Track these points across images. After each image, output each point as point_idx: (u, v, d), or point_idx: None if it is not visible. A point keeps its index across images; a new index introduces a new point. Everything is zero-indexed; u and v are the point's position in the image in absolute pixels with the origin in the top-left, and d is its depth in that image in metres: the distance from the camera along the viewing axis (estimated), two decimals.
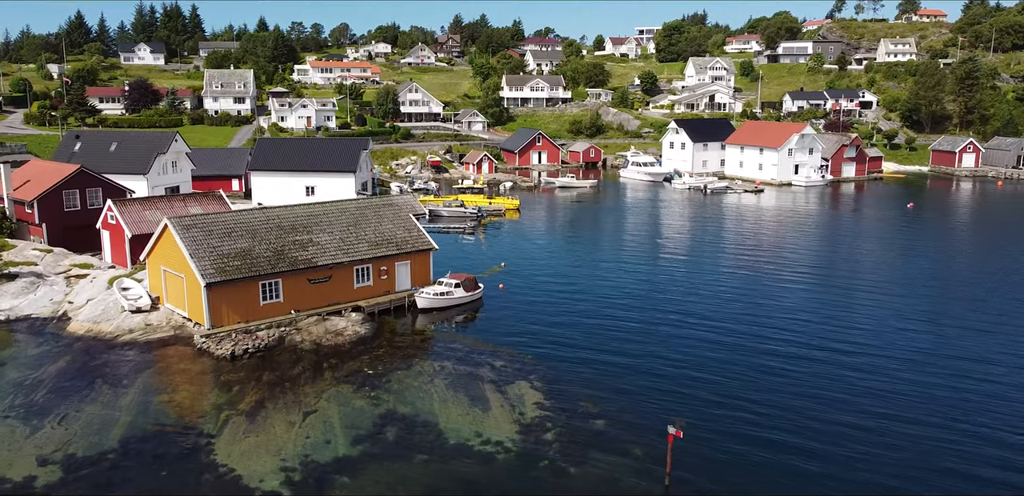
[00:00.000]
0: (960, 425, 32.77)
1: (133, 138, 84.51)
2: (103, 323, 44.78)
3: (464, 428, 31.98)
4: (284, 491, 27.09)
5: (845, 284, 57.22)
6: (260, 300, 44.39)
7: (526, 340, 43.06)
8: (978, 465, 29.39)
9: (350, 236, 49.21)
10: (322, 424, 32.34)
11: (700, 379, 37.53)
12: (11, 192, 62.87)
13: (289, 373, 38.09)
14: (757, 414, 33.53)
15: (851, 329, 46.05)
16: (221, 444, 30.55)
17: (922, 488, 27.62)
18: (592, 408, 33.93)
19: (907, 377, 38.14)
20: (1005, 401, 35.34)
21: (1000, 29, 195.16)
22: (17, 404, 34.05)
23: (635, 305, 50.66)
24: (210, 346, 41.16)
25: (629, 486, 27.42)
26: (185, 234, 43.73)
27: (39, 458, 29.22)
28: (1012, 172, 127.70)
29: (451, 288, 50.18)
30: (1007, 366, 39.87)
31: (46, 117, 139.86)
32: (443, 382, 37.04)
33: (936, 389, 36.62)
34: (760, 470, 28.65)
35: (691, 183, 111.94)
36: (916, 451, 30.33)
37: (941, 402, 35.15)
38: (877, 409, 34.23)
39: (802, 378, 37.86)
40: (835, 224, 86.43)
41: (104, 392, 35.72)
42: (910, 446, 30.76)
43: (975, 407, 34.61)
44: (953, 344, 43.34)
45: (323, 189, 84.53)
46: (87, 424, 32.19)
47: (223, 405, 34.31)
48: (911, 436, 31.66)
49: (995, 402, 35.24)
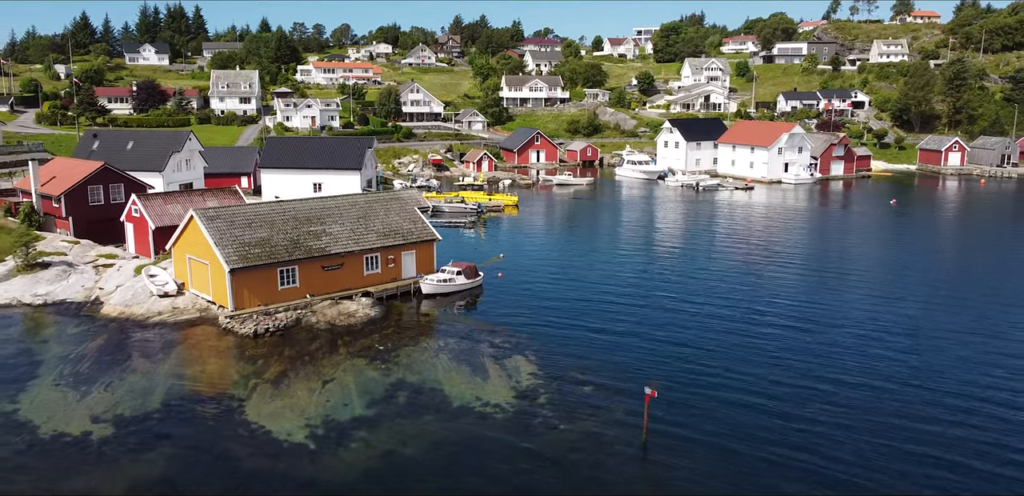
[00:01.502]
0: (908, 388, 36.60)
1: (149, 137, 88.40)
2: (134, 306, 48.75)
3: (466, 393, 35.98)
4: (309, 444, 31.04)
5: (821, 269, 61.38)
6: (278, 285, 48.33)
7: (522, 320, 47.07)
8: (925, 412, 33.23)
9: (360, 227, 53.16)
10: (340, 390, 36.32)
11: (679, 351, 41.57)
12: (39, 187, 66.79)
13: (307, 349, 42.06)
14: (728, 378, 37.59)
15: (821, 308, 50.10)
16: (251, 406, 34.53)
17: (871, 433, 31.47)
18: (580, 376, 37.96)
19: (872, 351, 42.04)
20: (941, 357, 39.20)
21: (990, 30, 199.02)
22: (65, 374, 38.00)
23: (624, 291, 54.65)
24: (234, 326, 45.13)
25: (611, 438, 31.42)
26: (210, 224, 47.67)
27: (92, 417, 33.17)
28: (996, 170, 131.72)
29: (453, 275, 54.14)
30: (949, 331, 43.76)
31: (58, 117, 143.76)
32: (446, 356, 41.07)
33: (888, 354, 40.51)
34: (727, 423, 32.53)
35: (684, 181, 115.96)
36: (868, 408, 34.19)
37: (891, 365, 39.02)
38: (837, 375, 38.13)
39: (772, 349, 41.85)
40: (817, 218, 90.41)
41: (142, 364, 39.71)
42: (865, 404, 34.64)
43: (922, 368, 38.48)
44: (905, 316, 47.27)
45: (330, 186, 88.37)
46: (130, 390, 36.16)
47: (250, 375, 38.29)
48: (866, 395, 35.58)
49: (929, 361, 39.12)
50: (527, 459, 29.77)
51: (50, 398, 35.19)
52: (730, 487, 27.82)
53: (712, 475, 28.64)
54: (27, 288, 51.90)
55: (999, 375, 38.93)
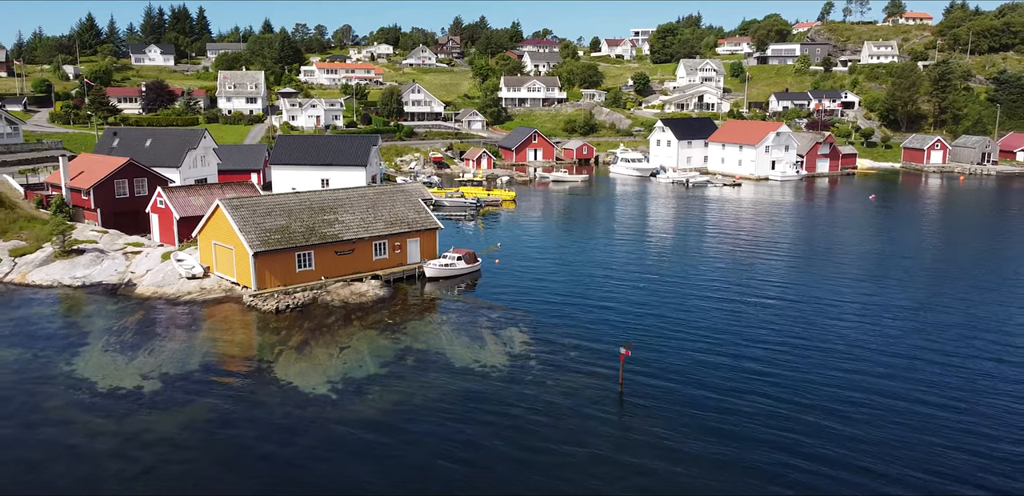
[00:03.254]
0: (857, 349, 41.57)
1: (166, 135, 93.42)
2: (165, 287, 53.77)
3: (466, 357, 41.00)
4: (331, 395, 36.06)
5: (795, 254, 66.48)
6: (296, 267, 53.34)
7: (517, 299, 52.16)
8: (869, 365, 38.17)
9: (369, 216, 58.17)
10: (355, 355, 41.34)
11: (654, 320, 46.76)
12: (68, 181, 71.77)
13: (324, 322, 47.08)
14: (696, 341, 42.68)
15: (790, 285, 55.14)
16: (279, 367, 39.56)
17: (839, 381, 36.43)
18: (566, 342, 43.11)
19: (831, 320, 47.03)
20: (890, 324, 44.15)
21: (977, 32, 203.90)
22: (112, 342, 43.01)
23: (612, 274, 59.74)
24: (257, 303, 50.15)
25: (592, 390, 36.54)
26: (235, 213, 52.67)
27: (141, 375, 38.18)
28: (976, 168, 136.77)
29: (454, 261, 59.16)
30: (899, 305, 48.75)
31: (71, 116, 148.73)
32: (449, 328, 46.12)
33: (845, 324, 45.51)
34: (692, 376, 37.48)
35: (674, 177, 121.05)
36: (824, 364, 39.16)
37: (845, 331, 44.00)
38: (797, 339, 43.09)
39: (741, 319, 46.81)
40: (798, 211, 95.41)
41: (178, 334, 44.74)
42: (821, 360, 39.61)
43: (870, 332, 43.43)
44: (863, 293, 52.26)
45: (337, 181, 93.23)
46: (171, 354, 41.18)
47: (275, 343, 43.31)
48: (822, 354, 40.55)
49: (878, 327, 44.08)
50: (519, 407, 34.75)
51: (101, 361, 40.21)
52: (694, 427, 32.72)
53: (678, 418, 33.57)
54: (66, 271, 56.90)
55: (937, 336, 43.91)
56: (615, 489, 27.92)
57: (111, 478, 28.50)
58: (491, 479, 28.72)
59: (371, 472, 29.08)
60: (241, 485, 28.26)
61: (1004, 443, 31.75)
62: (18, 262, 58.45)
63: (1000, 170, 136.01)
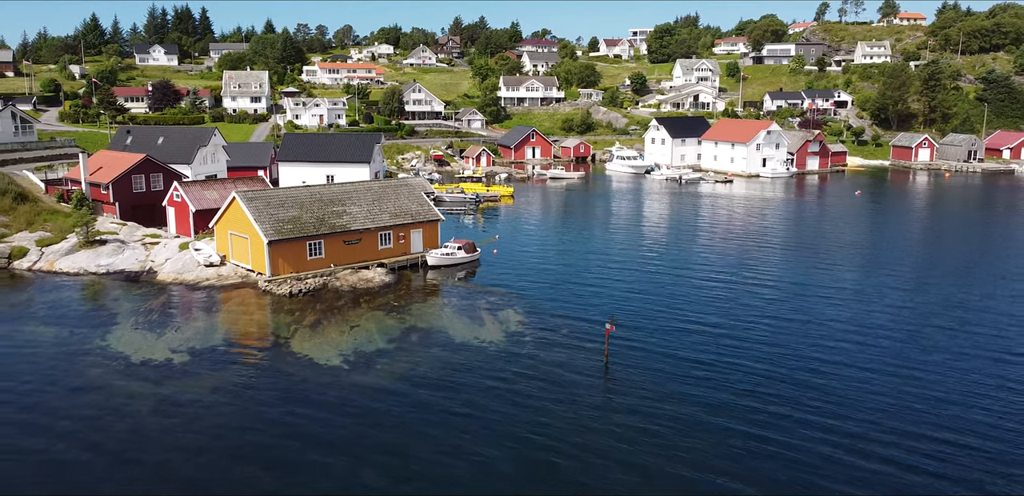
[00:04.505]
0: (829, 323, 45.29)
1: (178, 133, 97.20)
2: (185, 274, 57.54)
3: (466, 334, 44.80)
4: (344, 366, 39.82)
5: (778, 243, 70.32)
6: (307, 256, 57.08)
7: (513, 284, 55.98)
8: (838, 335, 41.86)
9: (375, 208, 61.92)
10: (364, 332, 45.11)
11: (637, 298, 50.45)
12: (88, 176, 75.50)
13: (335, 305, 50.86)
14: (675, 318, 46.35)
15: (772, 270, 58.93)
16: (295, 342, 43.36)
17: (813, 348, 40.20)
18: (557, 320, 46.96)
19: (804, 302, 50.80)
20: (860, 302, 47.86)
21: (967, 33, 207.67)
22: (140, 321, 46.79)
23: (603, 261, 63.60)
24: (272, 288, 53.91)
25: (580, 361, 40.34)
26: (250, 204, 56.42)
27: (170, 349, 41.95)
28: (962, 165, 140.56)
29: (455, 250, 62.92)
30: (867, 286, 52.52)
31: (80, 115, 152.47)
32: (450, 309, 49.95)
33: (815, 303, 49.27)
34: (671, 348, 41.20)
35: (668, 174, 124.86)
36: (797, 334, 42.92)
37: (816, 307, 47.78)
38: (772, 314, 46.83)
39: (717, 299, 50.56)
40: (784, 205, 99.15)
41: (200, 314, 48.53)
42: (793, 332, 43.33)
43: (841, 308, 47.13)
44: (839, 277, 56.03)
45: (341, 178, 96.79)
46: (196, 331, 44.97)
47: (290, 322, 47.08)
48: (796, 327, 44.28)
49: (848, 304, 47.79)
50: (514, 376, 38.49)
51: (133, 337, 43.97)
52: (669, 391, 36.42)
53: (655, 384, 37.28)
54: (91, 260, 60.65)
55: (902, 312, 47.66)
56: (599, 440, 31.60)
57: (152, 431, 32.25)
58: (488, 432, 32.47)
59: (381, 426, 32.84)
60: (267, 434, 32.06)
61: (953, 394, 35.50)
62: (45, 251, 62.17)
63: (985, 167, 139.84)
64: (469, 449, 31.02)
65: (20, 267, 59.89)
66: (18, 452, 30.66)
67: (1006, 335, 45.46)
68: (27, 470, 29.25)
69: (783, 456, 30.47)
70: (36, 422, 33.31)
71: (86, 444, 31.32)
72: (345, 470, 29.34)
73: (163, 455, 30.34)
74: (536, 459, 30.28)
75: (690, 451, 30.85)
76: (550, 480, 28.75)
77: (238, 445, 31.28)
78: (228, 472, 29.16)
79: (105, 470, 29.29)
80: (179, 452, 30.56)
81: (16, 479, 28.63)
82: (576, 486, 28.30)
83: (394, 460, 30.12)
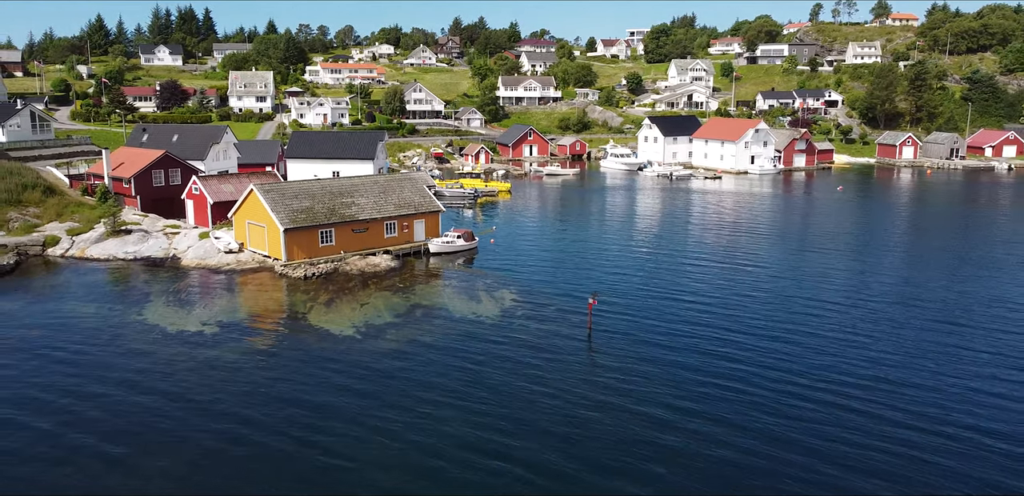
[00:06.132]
0: (792, 299, 50.29)
1: (191, 130, 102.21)
2: (207, 259, 62.61)
3: (465, 310, 49.90)
4: (356, 336, 44.91)
5: (754, 231, 75.26)
6: (319, 243, 62.13)
7: (509, 269, 61.15)
8: (806, 309, 46.85)
9: (381, 200, 66.96)
10: (373, 308, 50.19)
11: (618, 277, 55.38)
12: (111, 171, 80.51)
13: (346, 286, 55.95)
14: (657, 296, 51.33)
15: (749, 255, 64.00)
16: (312, 317, 48.46)
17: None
18: (547, 299, 52.02)
19: (776, 286, 55.87)
20: (826, 282, 52.85)
21: (955, 34, 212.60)
22: (170, 300, 51.88)
23: (592, 247, 68.95)
24: (287, 272, 58.98)
25: (566, 331, 45.54)
26: (267, 196, 61.46)
27: (200, 322, 47.03)
28: (944, 163, 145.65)
29: (454, 239, 67.97)
30: (834, 268, 57.57)
31: (91, 114, 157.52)
32: (451, 290, 55.07)
33: (785, 284, 54.33)
34: (647, 318, 46.23)
35: (659, 171, 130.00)
36: (771, 313, 47.96)
37: (786, 289, 52.79)
38: (745, 291, 51.84)
39: (693, 279, 55.58)
40: (767, 199, 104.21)
41: (223, 294, 53.63)
42: (761, 309, 48.36)
43: (803, 287, 52.13)
44: (811, 260, 61.11)
45: (347, 173, 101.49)
46: (222, 308, 50.07)
47: (306, 300, 52.18)
48: (772, 305, 49.30)
49: (816, 283, 52.80)
50: (508, 344, 43.55)
51: (166, 312, 49.07)
52: (645, 356, 41.44)
53: (632, 350, 42.32)
54: (118, 247, 65.69)
55: (859, 293, 52.70)
56: (582, 386, 36.62)
57: (194, 386, 37.31)
58: (484, 382, 37.72)
59: (393, 378, 37.96)
60: (295, 384, 37.32)
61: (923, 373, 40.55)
62: (75, 240, 67.19)
63: (966, 164, 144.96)
64: (467, 393, 36.42)
65: (54, 254, 64.95)
66: (90, 396, 36.12)
67: (930, 300, 50.55)
68: (99, 412, 34.53)
69: (739, 399, 35.55)
70: (93, 374, 38.74)
71: (142, 389, 36.86)
72: (360, 409, 34.75)
73: (210, 396, 35.96)
74: (524, 399, 35.58)
75: (657, 395, 36.12)
76: (534, 413, 33.87)
77: (274, 392, 36.57)
78: (269, 408, 34.65)
79: (162, 409, 34.63)
80: (224, 394, 36.07)
81: (88, 416, 33.82)
82: (559, 417, 33.33)
83: (404, 401, 35.62)
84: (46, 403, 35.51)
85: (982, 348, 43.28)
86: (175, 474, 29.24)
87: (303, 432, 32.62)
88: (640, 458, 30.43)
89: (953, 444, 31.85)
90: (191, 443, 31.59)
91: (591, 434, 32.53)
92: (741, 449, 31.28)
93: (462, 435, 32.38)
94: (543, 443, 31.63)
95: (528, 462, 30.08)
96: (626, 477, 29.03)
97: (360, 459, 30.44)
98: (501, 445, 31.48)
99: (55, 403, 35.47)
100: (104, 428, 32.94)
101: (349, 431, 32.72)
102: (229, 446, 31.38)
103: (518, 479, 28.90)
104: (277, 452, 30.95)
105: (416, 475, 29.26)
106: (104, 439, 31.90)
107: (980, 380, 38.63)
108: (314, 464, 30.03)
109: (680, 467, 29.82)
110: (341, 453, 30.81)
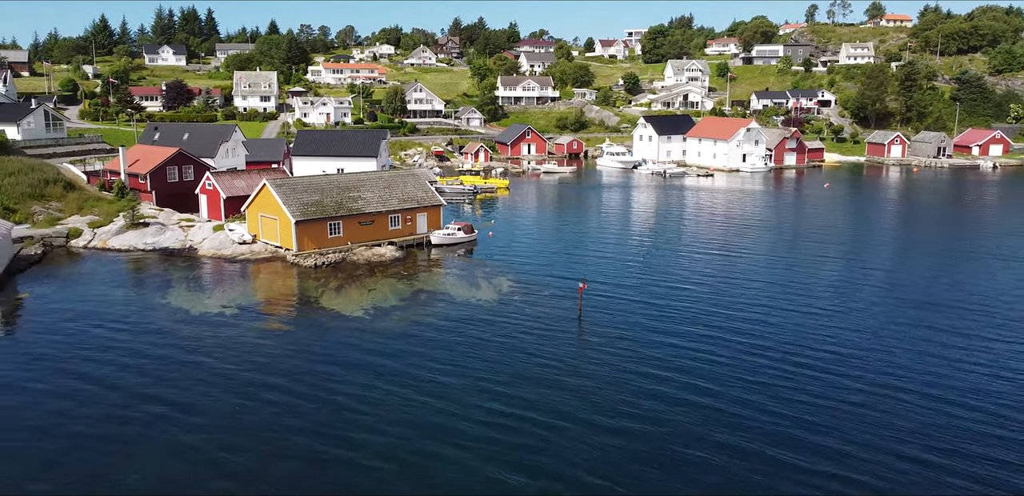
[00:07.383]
0: (771, 286, 54.14)
1: (201, 129, 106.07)
2: (222, 250, 66.50)
3: (465, 295, 53.82)
4: (365, 317, 48.81)
5: (743, 224, 79.29)
6: (328, 234, 66.02)
7: (506, 258, 65.10)
8: (785, 294, 50.67)
9: (386, 194, 70.84)
10: (380, 293, 54.10)
11: (606, 263, 59.27)
12: (127, 168, 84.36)
13: (354, 274, 59.86)
14: (644, 282, 55.24)
15: (733, 245, 67.90)
16: (323, 300, 52.38)
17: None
18: (542, 286, 55.92)
19: (761, 274, 59.74)
20: (812, 271, 56.71)
21: (946, 35, 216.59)
22: (191, 285, 55.80)
23: (584, 239, 72.87)
24: (299, 261, 62.88)
25: (558, 313, 49.47)
26: (279, 190, 65.35)
27: (220, 305, 50.93)
28: (931, 161, 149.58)
29: (455, 231, 71.87)
30: (815, 256, 61.43)
31: (99, 113, 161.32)
32: (452, 277, 58.97)
33: (767, 271, 58.21)
34: (632, 301, 50.10)
35: (653, 169, 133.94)
36: (755, 299, 51.83)
37: (764, 274, 56.65)
38: (732, 278, 55.69)
39: (677, 267, 59.45)
40: (757, 196, 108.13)
41: (239, 281, 57.54)
42: (743, 295, 52.22)
43: (779, 273, 55.98)
44: (792, 250, 65.01)
45: (350, 170, 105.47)
46: (239, 293, 53.97)
47: (317, 286, 56.11)
48: (755, 292, 53.13)
49: (802, 272, 56.66)
50: (505, 324, 47.45)
51: (188, 296, 52.97)
52: (630, 337, 45.31)
53: (619, 332, 46.19)
54: (138, 239, 69.55)
55: (865, 295, 56.58)
56: (572, 361, 40.51)
57: (219, 361, 41.14)
58: (484, 356, 41.63)
59: (400, 355, 41.81)
60: (310, 359, 41.15)
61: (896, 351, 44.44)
62: (97, 232, 71.05)
63: (952, 163, 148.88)
64: (467, 365, 40.42)
65: (77, 245, 68.82)
66: (125, 366, 40.01)
67: (903, 284, 54.47)
68: (146, 378, 38.54)
69: (710, 363, 39.43)
70: (128, 347, 42.83)
71: (174, 363, 40.62)
72: (374, 375, 38.85)
73: (236, 365, 39.96)
74: (519, 372, 39.47)
75: (638, 363, 40.09)
76: (527, 383, 37.74)
77: (294, 361, 40.54)
78: (291, 375, 38.64)
79: (196, 375, 38.42)
80: (248, 364, 40.06)
81: (126, 381, 37.68)
82: (550, 385, 37.22)
83: (411, 369, 39.69)
84: (97, 366, 40.00)
85: (972, 332, 47.22)
86: (216, 426, 33.25)
87: (323, 393, 36.75)
88: (616, 414, 34.34)
89: (919, 405, 35.77)
90: (225, 401, 35.76)
91: (579, 395, 36.48)
92: (703, 405, 35.28)
93: (463, 396, 36.36)
94: (536, 407, 35.54)
95: (522, 417, 34.05)
96: (606, 419, 32.98)
97: (372, 413, 34.60)
98: (498, 403, 35.42)
99: (101, 370, 39.65)
100: (152, 391, 37.09)
101: (365, 392, 36.86)
102: (261, 404, 35.45)
103: (512, 429, 32.87)
104: (301, 405, 35.14)
105: (422, 424, 33.33)
106: (151, 400, 35.87)
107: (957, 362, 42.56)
108: (334, 413, 34.46)
109: (651, 422, 33.75)
110: (356, 408, 35.17)
